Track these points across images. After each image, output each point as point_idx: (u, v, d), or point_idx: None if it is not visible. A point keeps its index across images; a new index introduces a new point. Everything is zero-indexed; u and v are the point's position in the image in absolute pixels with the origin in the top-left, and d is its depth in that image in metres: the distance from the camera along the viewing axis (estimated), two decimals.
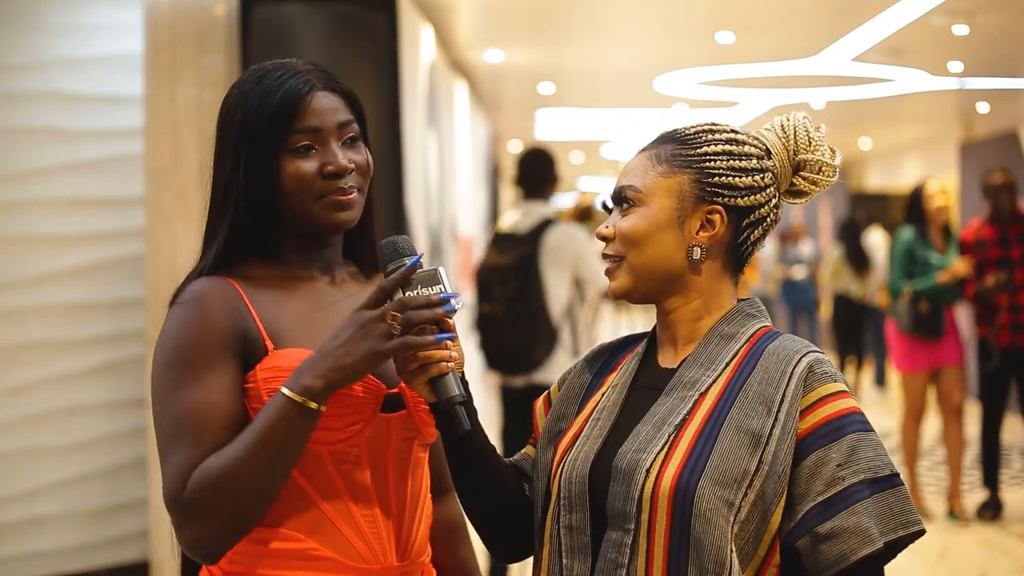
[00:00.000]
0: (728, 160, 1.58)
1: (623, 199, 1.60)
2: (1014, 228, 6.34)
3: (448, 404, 1.52)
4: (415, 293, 1.51)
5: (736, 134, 1.61)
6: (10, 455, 4.29)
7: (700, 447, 1.48)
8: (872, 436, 1.49)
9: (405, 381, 1.53)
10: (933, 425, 9.43)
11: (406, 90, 4.69)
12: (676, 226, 1.57)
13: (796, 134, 1.62)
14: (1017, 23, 6.72)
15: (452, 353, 1.53)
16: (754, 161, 1.59)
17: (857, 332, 11.46)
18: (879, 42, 7.09)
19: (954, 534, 6.08)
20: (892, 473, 1.48)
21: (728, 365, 1.55)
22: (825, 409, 1.49)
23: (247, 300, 1.58)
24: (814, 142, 1.63)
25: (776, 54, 7.74)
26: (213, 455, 1.49)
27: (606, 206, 1.66)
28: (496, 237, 5.04)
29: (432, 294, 1.51)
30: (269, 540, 1.56)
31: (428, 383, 1.52)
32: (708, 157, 1.58)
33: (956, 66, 8.06)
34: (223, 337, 1.54)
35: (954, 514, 6.40)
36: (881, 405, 10.68)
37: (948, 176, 13.54)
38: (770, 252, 13.11)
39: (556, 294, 4.81)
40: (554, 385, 1.73)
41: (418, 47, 5.63)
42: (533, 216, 4.93)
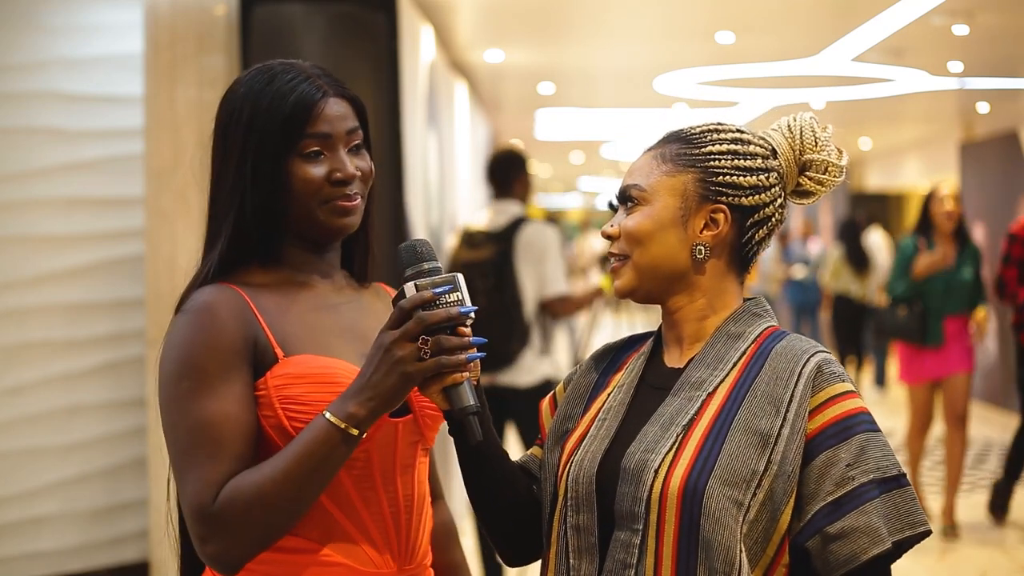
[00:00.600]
0: (732, 159, 1.58)
1: (628, 198, 1.61)
2: None
3: (462, 414, 1.51)
4: (435, 305, 1.49)
5: (742, 134, 1.61)
6: (10, 455, 4.28)
7: (708, 447, 1.48)
8: (880, 436, 1.50)
9: (419, 388, 1.52)
10: (936, 426, 9.42)
11: (406, 90, 4.68)
12: (680, 225, 1.57)
13: (803, 134, 1.62)
14: (1017, 23, 6.72)
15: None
16: (759, 161, 1.59)
17: (857, 332, 11.47)
18: (879, 42, 7.09)
19: (954, 534, 6.07)
20: (900, 473, 1.49)
21: (735, 365, 1.55)
22: (834, 409, 1.49)
23: (254, 307, 1.58)
24: (820, 142, 1.62)
25: (776, 54, 7.74)
26: (247, 471, 1.49)
27: (612, 205, 1.67)
28: (467, 235, 5.06)
29: (451, 303, 1.49)
30: (282, 546, 1.56)
31: (442, 391, 1.51)
32: (712, 156, 1.58)
33: (956, 66, 8.06)
34: (235, 346, 1.54)
35: (947, 527, 6.11)
36: (881, 405, 10.68)
37: (948, 176, 13.55)
38: (770, 252, 13.12)
39: (529, 291, 4.83)
40: (559, 385, 1.73)
41: (418, 47, 5.62)
42: (507, 214, 4.96)
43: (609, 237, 1.61)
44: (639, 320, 11.98)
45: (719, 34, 6.96)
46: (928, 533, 1.49)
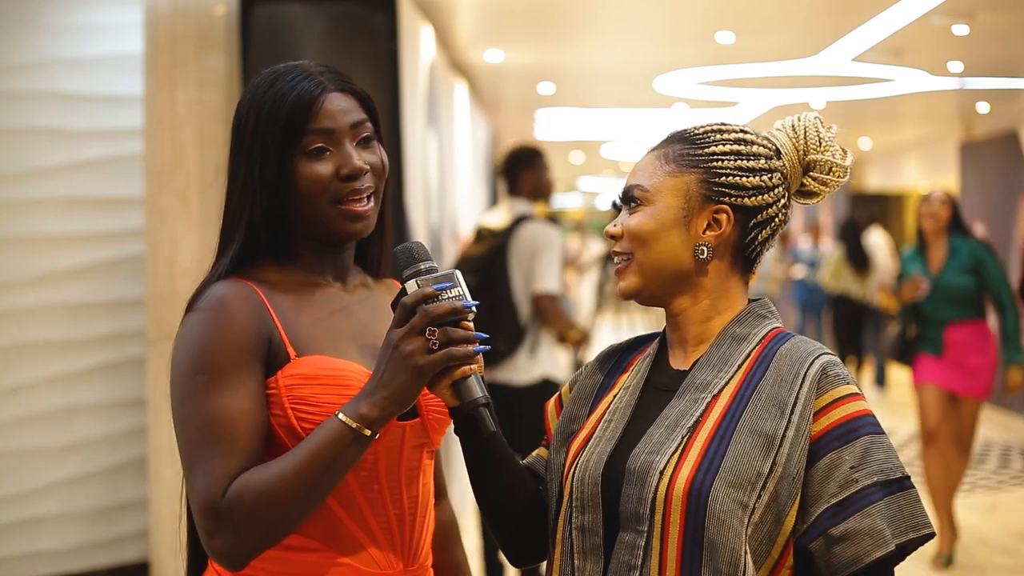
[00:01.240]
0: (736, 160, 1.58)
1: (631, 198, 1.60)
2: None
3: (472, 407, 1.52)
4: (437, 299, 1.49)
5: (745, 134, 1.61)
6: (10, 455, 4.28)
7: (714, 449, 1.48)
8: (884, 438, 1.50)
9: (427, 385, 1.52)
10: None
11: (406, 90, 4.68)
12: (683, 225, 1.57)
13: (807, 134, 1.62)
14: (1017, 23, 6.72)
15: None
16: (762, 161, 1.59)
17: (857, 332, 11.47)
18: (879, 42, 7.09)
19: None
20: (904, 476, 1.49)
21: (740, 367, 1.55)
22: (838, 411, 1.49)
23: (269, 305, 1.57)
24: (824, 142, 1.62)
25: (776, 54, 7.74)
26: (257, 468, 1.49)
27: (615, 205, 1.67)
28: (477, 231, 5.06)
29: (453, 298, 1.50)
30: (287, 545, 1.56)
31: (451, 386, 1.51)
32: (715, 157, 1.58)
33: (956, 66, 8.06)
34: (249, 342, 1.53)
35: (943, 556, 5.56)
36: (881, 405, 10.68)
37: (948, 176, 13.55)
38: (771, 252, 13.08)
39: (520, 290, 4.79)
40: (565, 387, 1.73)
41: (418, 47, 5.62)
42: (512, 212, 4.94)
43: (612, 236, 1.61)
44: (639, 321, 11.97)
45: (719, 34, 6.96)
46: (932, 536, 1.49)
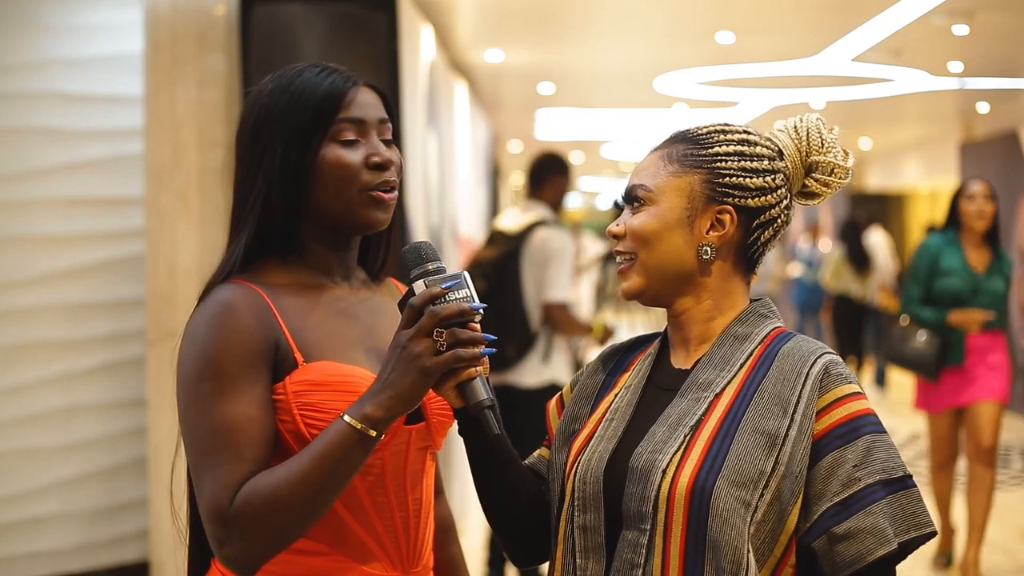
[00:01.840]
0: (739, 161, 1.58)
1: (634, 198, 1.60)
2: None
3: (477, 408, 1.51)
4: (445, 300, 1.49)
5: (748, 135, 1.61)
6: (10, 455, 4.28)
7: (716, 448, 1.48)
8: (886, 437, 1.50)
9: (432, 386, 1.51)
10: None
11: (406, 90, 4.68)
12: (686, 226, 1.57)
13: (809, 135, 1.62)
14: (1017, 23, 6.72)
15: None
16: (765, 162, 1.59)
17: (857, 332, 11.48)
18: (879, 42, 7.09)
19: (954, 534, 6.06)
20: (906, 475, 1.49)
21: (743, 366, 1.55)
22: (841, 410, 1.50)
23: (275, 310, 1.56)
24: (827, 144, 1.62)
25: (776, 54, 7.74)
26: (264, 473, 1.48)
27: (617, 204, 1.66)
28: (490, 233, 5.06)
29: (460, 299, 1.50)
30: (294, 549, 1.55)
31: (456, 388, 1.51)
32: (719, 157, 1.58)
33: (956, 66, 8.06)
34: (256, 347, 1.52)
35: (944, 556, 5.37)
36: (881, 405, 10.68)
37: (948, 176, 13.55)
38: (772, 251, 13.08)
39: (531, 296, 4.77)
40: (566, 386, 1.73)
41: (418, 47, 5.62)
42: (528, 216, 4.93)
43: (615, 236, 1.61)
44: (639, 321, 11.97)
45: (719, 34, 6.96)
46: (933, 535, 1.49)
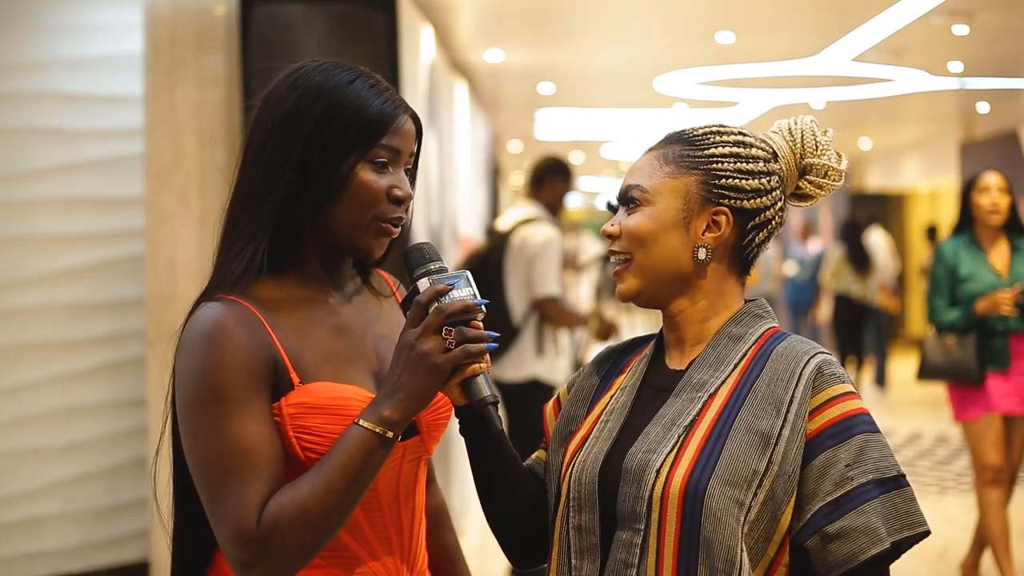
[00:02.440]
0: (735, 162, 1.58)
1: (629, 198, 1.61)
2: None
3: (480, 405, 1.52)
4: (448, 299, 1.50)
5: (744, 136, 1.61)
6: (10, 455, 4.29)
7: (710, 448, 1.48)
8: (879, 437, 1.51)
9: None
10: (936, 424, 9.43)
11: (406, 90, 4.68)
12: (682, 227, 1.57)
13: (803, 138, 1.63)
14: (1017, 23, 6.72)
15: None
16: (761, 164, 1.60)
17: (857, 332, 11.49)
18: (879, 42, 7.10)
19: (954, 534, 6.07)
20: (899, 474, 1.49)
21: (737, 366, 1.55)
22: (834, 410, 1.50)
23: (269, 328, 1.54)
24: (821, 146, 1.63)
25: (776, 54, 7.75)
26: (285, 489, 1.46)
27: (611, 205, 1.67)
28: (488, 233, 5.11)
29: (466, 297, 1.51)
30: None
31: (459, 385, 1.51)
32: (715, 159, 1.58)
33: (956, 66, 8.07)
34: (255, 364, 1.50)
35: None
36: (881, 405, 10.69)
37: (948, 176, 13.55)
38: (771, 251, 13.13)
39: (514, 291, 4.80)
40: (563, 388, 1.74)
41: (418, 47, 5.62)
42: (519, 214, 4.97)
43: (610, 236, 1.61)
44: (639, 321, 11.97)
45: (719, 34, 6.97)
46: (927, 534, 1.50)
